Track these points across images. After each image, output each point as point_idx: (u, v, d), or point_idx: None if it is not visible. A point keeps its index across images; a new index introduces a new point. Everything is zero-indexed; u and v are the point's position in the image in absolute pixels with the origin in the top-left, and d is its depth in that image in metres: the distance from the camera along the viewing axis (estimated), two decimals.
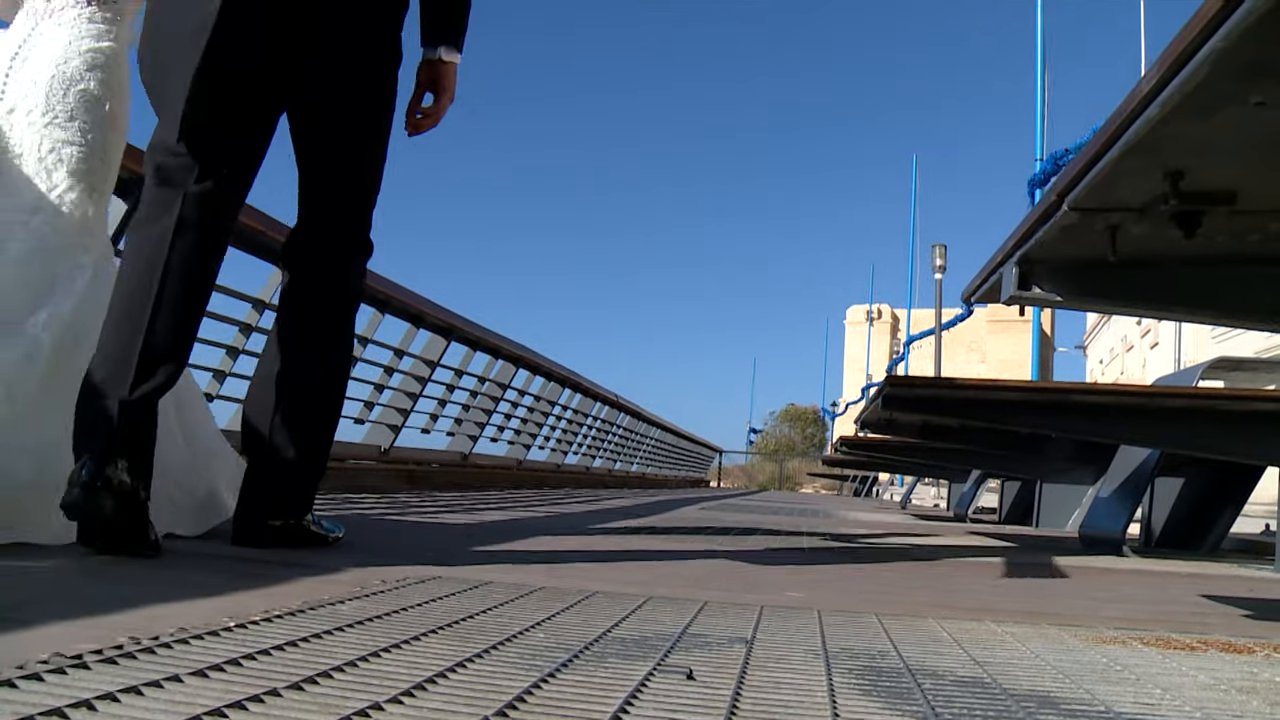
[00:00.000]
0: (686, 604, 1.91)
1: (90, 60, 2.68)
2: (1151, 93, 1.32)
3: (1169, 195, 1.58)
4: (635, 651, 1.40)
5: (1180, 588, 3.14)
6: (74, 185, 2.64)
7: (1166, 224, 1.68)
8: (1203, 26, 1.17)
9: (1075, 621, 2.05)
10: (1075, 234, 1.83)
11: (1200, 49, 1.19)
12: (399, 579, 1.97)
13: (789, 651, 1.49)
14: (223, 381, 5.73)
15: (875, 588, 2.72)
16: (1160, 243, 1.85)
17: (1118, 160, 1.47)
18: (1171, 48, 1.24)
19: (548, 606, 1.75)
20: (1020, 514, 8.71)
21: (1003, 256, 2.09)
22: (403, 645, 1.32)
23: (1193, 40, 1.19)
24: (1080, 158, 1.58)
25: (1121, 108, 1.40)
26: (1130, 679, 1.43)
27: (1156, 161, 1.52)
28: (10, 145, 2.62)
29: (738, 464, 52.80)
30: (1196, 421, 3.99)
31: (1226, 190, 1.65)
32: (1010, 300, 2.09)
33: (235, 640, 1.26)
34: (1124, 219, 1.77)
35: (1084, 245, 1.91)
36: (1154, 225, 1.74)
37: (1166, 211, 1.64)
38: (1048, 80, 14.10)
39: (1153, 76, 1.30)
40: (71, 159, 2.65)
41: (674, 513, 6.69)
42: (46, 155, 2.63)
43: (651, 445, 19.17)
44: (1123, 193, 1.66)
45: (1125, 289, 2.09)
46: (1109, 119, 1.45)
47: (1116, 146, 1.44)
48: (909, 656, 1.51)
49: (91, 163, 2.68)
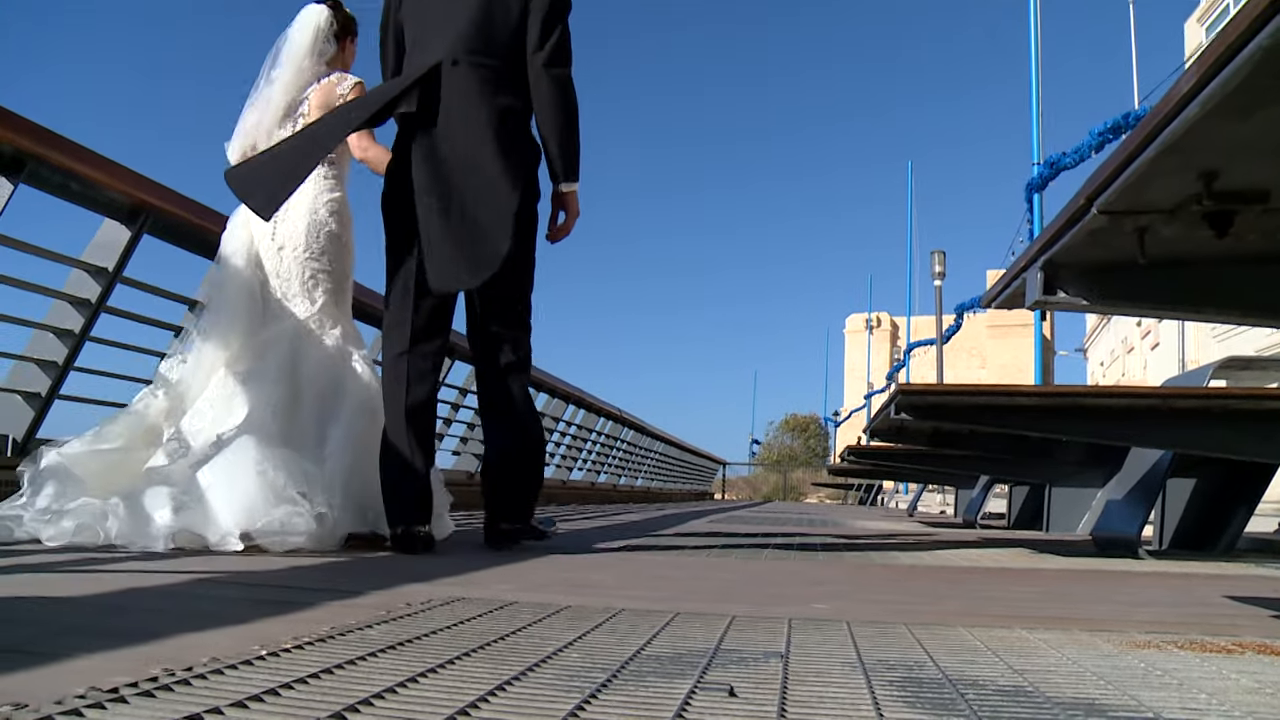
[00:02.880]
0: (714, 619, 1.89)
1: (330, 208, 3.86)
2: (1191, 92, 1.31)
3: (1202, 195, 1.57)
4: (673, 669, 1.38)
5: (1203, 589, 3.11)
6: (328, 301, 3.83)
7: (1198, 224, 1.67)
8: (1248, 25, 1.16)
9: (1105, 626, 2.03)
10: (1102, 237, 1.82)
11: (1244, 48, 1.18)
12: (423, 601, 1.95)
13: (826, 665, 1.47)
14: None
15: (899, 597, 2.69)
16: (1190, 243, 1.84)
17: (1152, 161, 1.45)
18: (1213, 47, 1.23)
19: (576, 625, 1.73)
20: (1029, 518, 8.68)
21: (1026, 261, 2.08)
22: (439, 670, 1.30)
23: (1236, 39, 1.18)
24: (1110, 161, 1.57)
25: (1158, 108, 1.39)
26: (1172, 684, 1.41)
27: (1191, 162, 1.51)
28: (283, 273, 3.80)
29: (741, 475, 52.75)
30: (1210, 422, 3.97)
31: (1260, 189, 1.64)
32: (1035, 305, 2.07)
33: (269, 669, 1.24)
34: (1153, 220, 1.76)
35: (1110, 248, 1.90)
36: (1184, 226, 1.73)
37: (1198, 212, 1.63)
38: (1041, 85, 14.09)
39: (1192, 76, 1.29)
40: (325, 282, 3.83)
41: (684, 526, 6.67)
42: (308, 280, 3.80)
43: (656, 459, 19.14)
44: (1154, 194, 1.65)
45: (1153, 291, 2.07)
46: (1142, 121, 1.43)
47: (1152, 147, 1.43)
48: (947, 666, 1.49)
49: (337, 281, 3.87)
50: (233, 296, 3.75)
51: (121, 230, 4.33)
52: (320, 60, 3.97)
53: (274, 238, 3.80)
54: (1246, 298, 2.14)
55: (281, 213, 3.65)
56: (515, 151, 3.37)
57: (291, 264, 3.79)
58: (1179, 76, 1.33)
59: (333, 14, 4.01)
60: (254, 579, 2.39)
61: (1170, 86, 1.34)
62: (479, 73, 3.34)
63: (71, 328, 4.23)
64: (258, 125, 3.92)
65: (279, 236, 3.80)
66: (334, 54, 4.02)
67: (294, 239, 3.79)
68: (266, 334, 3.71)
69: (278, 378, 3.60)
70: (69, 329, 4.22)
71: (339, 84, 3.93)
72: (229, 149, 3.94)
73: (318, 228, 3.82)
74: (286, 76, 3.94)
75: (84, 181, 4.05)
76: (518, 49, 3.38)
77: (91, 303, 4.25)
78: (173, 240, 4.84)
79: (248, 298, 3.75)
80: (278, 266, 3.80)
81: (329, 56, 4.00)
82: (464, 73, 3.33)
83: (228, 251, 3.83)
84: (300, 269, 3.79)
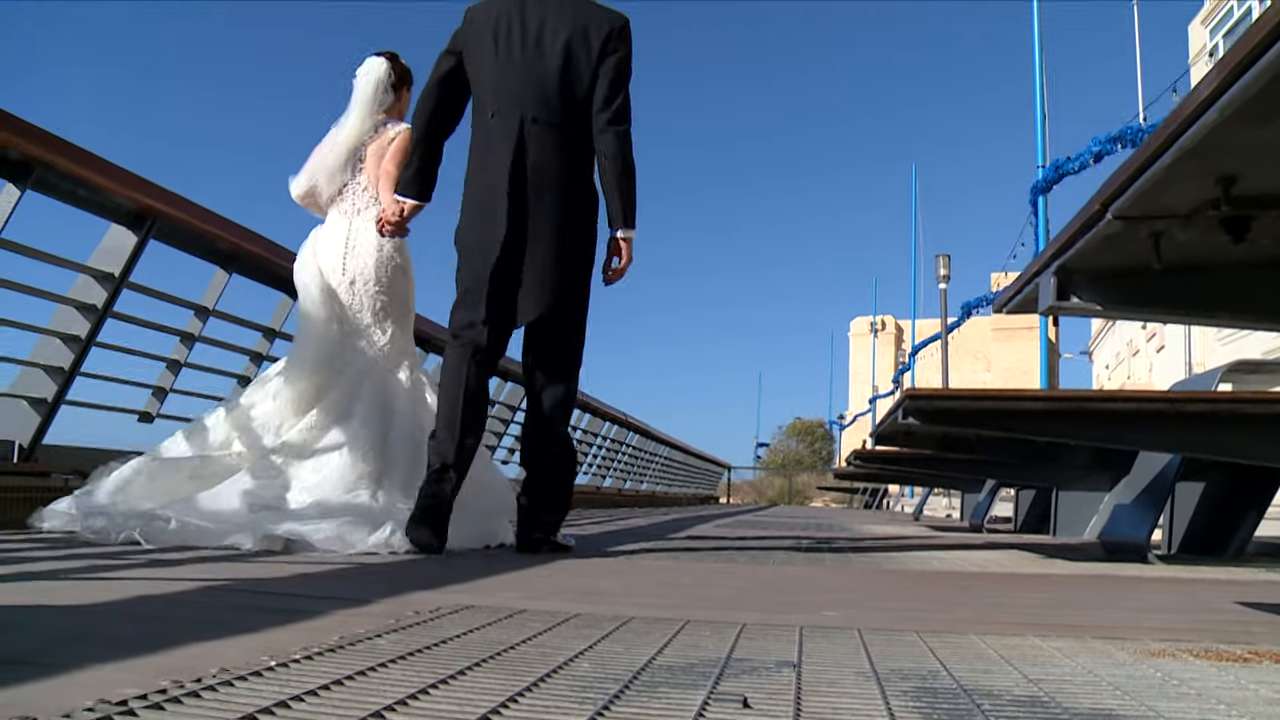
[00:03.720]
0: (725, 627, 1.88)
1: (395, 244, 4.30)
2: (1210, 97, 1.30)
3: (1220, 200, 1.56)
4: (685, 679, 1.37)
5: (1214, 595, 3.09)
6: (396, 331, 4.32)
7: (1214, 230, 1.66)
8: (1269, 30, 1.15)
9: (1118, 634, 2.01)
10: (1116, 242, 1.81)
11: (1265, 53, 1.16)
12: (431, 610, 1.94)
13: (839, 675, 1.46)
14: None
15: (909, 604, 2.68)
16: (1205, 248, 1.83)
17: (1170, 166, 1.44)
18: (1233, 53, 1.22)
19: (586, 634, 1.72)
20: (1035, 522, 8.65)
21: (1039, 267, 2.06)
22: (450, 680, 1.29)
23: (1257, 45, 1.17)
24: (1125, 167, 1.56)
25: (1176, 113, 1.38)
26: (1190, 694, 1.40)
27: (1209, 167, 1.49)
28: (354, 305, 4.26)
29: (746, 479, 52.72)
30: (1219, 426, 3.95)
31: (1278, 194, 1.63)
32: (1048, 310, 2.06)
33: (279, 681, 1.23)
34: (1168, 225, 1.74)
35: (1124, 253, 1.88)
36: (1200, 231, 1.72)
37: (1215, 217, 1.62)
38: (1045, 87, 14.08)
39: (1212, 81, 1.28)
40: (393, 313, 4.32)
41: (690, 531, 6.66)
42: (378, 311, 4.27)
43: (661, 463, 19.12)
44: (1170, 199, 1.63)
45: (1167, 296, 2.06)
46: (1160, 126, 1.42)
47: (1170, 152, 1.42)
48: (960, 676, 1.48)
49: (402, 312, 4.37)
50: (314, 332, 4.21)
51: (128, 235, 4.33)
52: (380, 108, 4.46)
53: (344, 272, 4.27)
54: (1261, 302, 2.12)
55: (350, 248, 4.26)
56: (584, 203, 3.83)
57: (363, 297, 4.26)
58: (1199, 81, 1.31)
59: (391, 66, 4.50)
60: (261, 586, 2.39)
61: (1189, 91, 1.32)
62: (555, 132, 3.75)
63: (78, 333, 4.23)
64: (321, 165, 4.41)
65: (349, 271, 4.27)
66: (392, 103, 4.51)
67: (364, 273, 4.26)
68: (351, 370, 4.16)
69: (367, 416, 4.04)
70: (75, 334, 4.22)
71: (390, 131, 4.42)
72: (292, 184, 4.44)
73: (385, 262, 4.29)
74: (351, 123, 4.43)
75: (91, 187, 4.05)
76: (586, 110, 3.79)
77: (98, 308, 4.25)
78: (179, 245, 4.85)
79: (326, 332, 4.19)
80: (350, 299, 4.26)
81: (388, 105, 4.49)
82: (542, 131, 3.73)
83: (304, 282, 4.30)
84: (371, 301, 4.26)
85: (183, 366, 5.14)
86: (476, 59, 3.83)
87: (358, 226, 4.32)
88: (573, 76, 3.77)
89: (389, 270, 4.29)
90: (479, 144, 3.82)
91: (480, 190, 3.78)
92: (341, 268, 4.27)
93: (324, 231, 4.40)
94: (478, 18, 3.87)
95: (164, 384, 5.08)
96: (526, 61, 3.76)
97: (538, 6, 3.81)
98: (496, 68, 3.79)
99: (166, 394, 5.09)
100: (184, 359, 5.12)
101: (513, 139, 3.70)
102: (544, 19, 3.79)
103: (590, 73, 3.78)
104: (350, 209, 4.37)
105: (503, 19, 3.80)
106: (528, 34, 3.78)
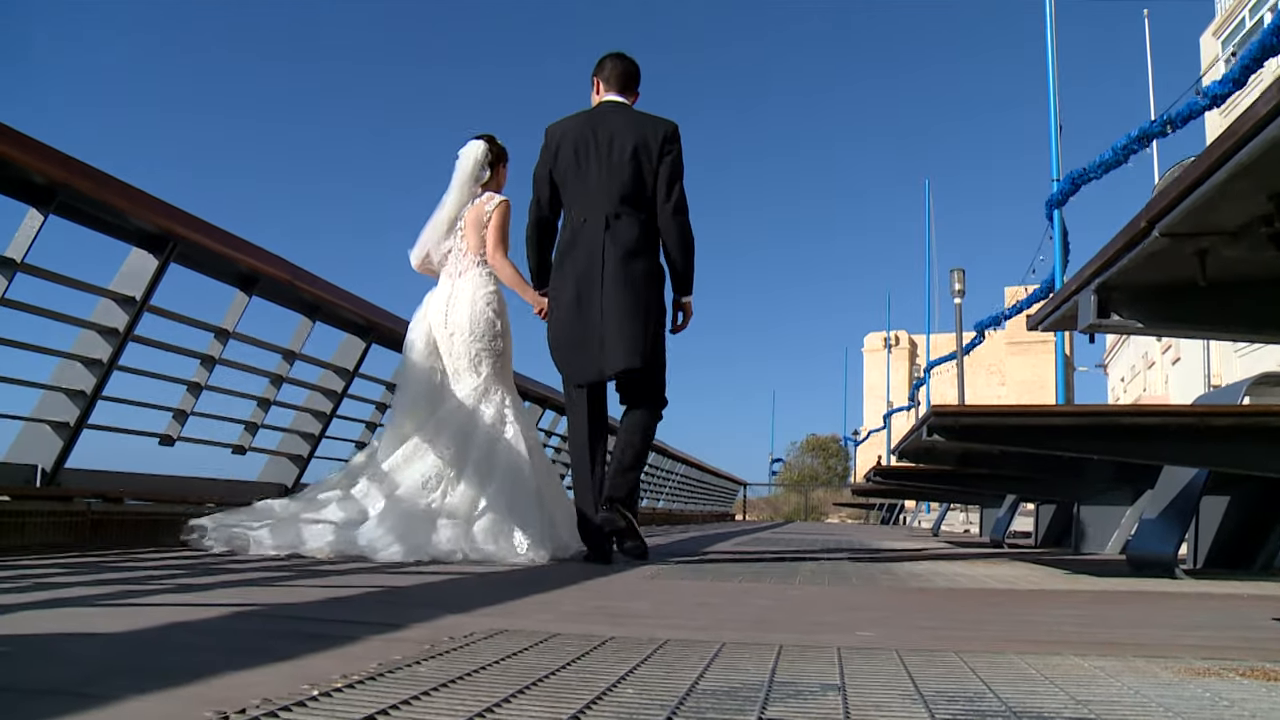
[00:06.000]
0: (761, 648, 1.86)
1: (488, 300, 5.07)
2: (1270, 114, 1.28)
3: (1273, 216, 1.54)
4: (731, 705, 1.35)
5: (1249, 610, 3.06)
6: (490, 376, 5.02)
7: (1263, 246, 1.64)
8: None
9: (1159, 652, 1.99)
10: (1160, 260, 1.79)
11: None
12: (465, 634, 1.92)
13: (885, 698, 1.44)
14: (255, 434, 5.71)
15: (942, 623, 2.65)
16: (1251, 265, 1.81)
17: (1224, 184, 1.42)
18: None
19: (624, 659, 1.71)
20: (1056, 537, 8.60)
21: (1078, 284, 2.05)
22: (495, 709, 1.27)
23: None
24: (1175, 185, 1.54)
25: (1233, 128, 1.36)
26: (1245, 715, 1.37)
27: (1263, 184, 1.48)
28: (454, 353, 5.02)
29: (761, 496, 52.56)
30: (1246, 440, 3.92)
31: None
32: (1089, 328, 2.04)
33: (325, 711, 1.22)
34: (1214, 243, 1.73)
35: (1168, 270, 1.86)
36: (1248, 248, 1.70)
37: (1266, 234, 1.60)
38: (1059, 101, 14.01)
39: (1271, 98, 1.26)
40: (488, 359, 5.03)
41: (710, 548, 6.63)
42: (474, 358, 5.01)
43: (678, 481, 19.08)
44: (1220, 216, 1.62)
45: (1210, 312, 2.04)
46: (1213, 143, 1.40)
47: (1224, 169, 1.40)
48: (1008, 697, 1.46)
49: (497, 357, 5.06)
50: (414, 378, 5.03)
51: (149, 259, 4.34)
52: (477, 184, 5.22)
53: (446, 325, 5.03)
54: None
55: (451, 305, 5.05)
56: (656, 279, 4.71)
57: (459, 345, 5.00)
58: (1255, 99, 1.30)
59: (488, 146, 5.25)
60: (290, 611, 2.37)
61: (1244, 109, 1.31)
62: (629, 222, 4.64)
63: (100, 357, 4.24)
64: (430, 238, 5.18)
65: (450, 325, 5.03)
66: (489, 179, 5.24)
67: (460, 326, 5.01)
68: (443, 410, 4.89)
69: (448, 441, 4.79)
70: (98, 358, 4.23)
71: (486, 203, 5.16)
72: (410, 254, 5.26)
73: (478, 316, 5.02)
74: (452, 198, 5.19)
75: (113, 211, 4.07)
76: (652, 202, 4.69)
77: (119, 332, 4.26)
78: (199, 268, 4.86)
79: (425, 378, 5.01)
80: (450, 348, 5.02)
81: (484, 181, 5.23)
82: (624, 223, 4.63)
83: (411, 339, 5.10)
84: (466, 349, 4.99)
85: (203, 389, 5.14)
86: (566, 178, 4.74)
87: (460, 286, 5.08)
88: (641, 177, 4.68)
89: (482, 322, 5.01)
90: (566, 243, 4.72)
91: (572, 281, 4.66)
92: (444, 322, 5.04)
93: (434, 293, 5.16)
94: (559, 139, 4.78)
95: (185, 407, 5.09)
96: (604, 171, 4.67)
97: (605, 123, 4.73)
98: (581, 180, 4.71)
99: (188, 417, 5.09)
100: (204, 381, 5.12)
101: (599, 234, 4.60)
102: (612, 134, 4.69)
103: (653, 172, 4.69)
104: (454, 271, 5.13)
105: (581, 138, 4.72)
106: (600, 147, 4.69)
